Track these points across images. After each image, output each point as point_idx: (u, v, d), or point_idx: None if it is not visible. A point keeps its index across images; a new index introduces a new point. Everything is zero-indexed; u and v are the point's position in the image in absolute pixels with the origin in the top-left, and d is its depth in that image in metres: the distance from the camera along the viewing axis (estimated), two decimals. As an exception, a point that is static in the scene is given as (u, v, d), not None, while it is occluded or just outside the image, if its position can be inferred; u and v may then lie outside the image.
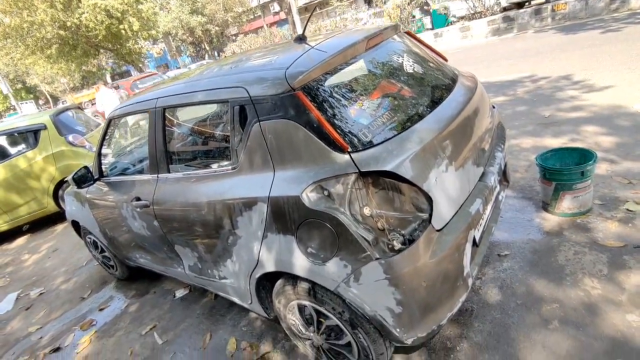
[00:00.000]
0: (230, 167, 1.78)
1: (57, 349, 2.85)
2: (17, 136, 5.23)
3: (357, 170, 1.41)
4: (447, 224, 1.53)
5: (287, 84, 1.52)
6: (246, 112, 1.66)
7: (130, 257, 3.02)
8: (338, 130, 1.47)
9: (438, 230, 1.49)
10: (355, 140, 1.47)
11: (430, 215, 1.47)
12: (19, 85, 35.34)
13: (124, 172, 2.75)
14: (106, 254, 3.30)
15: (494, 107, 2.27)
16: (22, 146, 5.22)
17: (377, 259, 1.38)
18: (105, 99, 8.72)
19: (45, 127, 5.16)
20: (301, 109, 1.49)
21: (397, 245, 1.38)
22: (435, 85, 1.89)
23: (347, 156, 1.43)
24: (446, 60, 2.26)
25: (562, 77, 5.39)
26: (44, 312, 3.43)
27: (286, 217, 1.54)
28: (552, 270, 2.11)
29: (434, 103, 1.75)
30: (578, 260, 2.12)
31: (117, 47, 16.90)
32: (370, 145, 1.46)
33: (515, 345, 1.76)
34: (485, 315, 1.95)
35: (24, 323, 3.36)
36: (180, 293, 3.01)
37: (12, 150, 5.22)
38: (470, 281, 1.62)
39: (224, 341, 2.37)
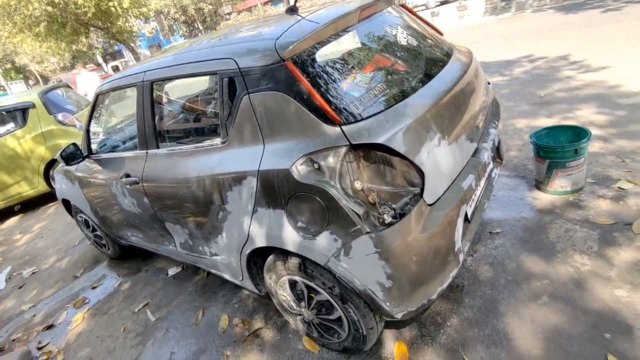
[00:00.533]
0: (219, 141, 1.75)
1: (50, 326, 2.86)
2: (4, 115, 5.12)
3: (348, 143, 1.38)
4: (439, 198, 1.51)
5: (277, 54, 1.47)
6: (235, 84, 1.61)
7: (121, 236, 3.00)
8: (329, 102, 1.43)
9: (430, 205, 1.47)
10: (347, 112, 1.43)
11: (422, 189, 1.45)
12: (8, 65, 34.57)
13: (113, 148, 2.70)
14: (98, 232, 3.28)
15: (489, 83, 2.23)
16: (10, 125, 5.12)
17: (367, 232, 1.36)
18: (87, 82, 8.72)
19: (33, 106, 5.05)
20: (291, 80, 1.45)
21: (388, 219, 1.36)
22: (429, 59, 1.84)
23: (338, 128, 1.40)
24: (441, 34, 2.21)
25: (560, 57, 5.33)
26: (37, 291, 3.42)
27: (276, 191, 1.52)
28: (543, 247, 2.11)
29: (428, 77, 1.71)
30: (569, 238, 2.13)
31: (107, 26, 16.44)
32: (361, 117, 1.43)
33: (505, 319, 1.78)
34: (476, 291, 1.97)
35: (17, 301, 3.36)
36: (172, 271, 3.01)
37: (0, 129, 5.12)
38: (461, 256, 1.61)
39: (216, 318, 2.38)
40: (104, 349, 2.45)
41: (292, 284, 1.78)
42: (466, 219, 1.67)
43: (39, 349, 2.66)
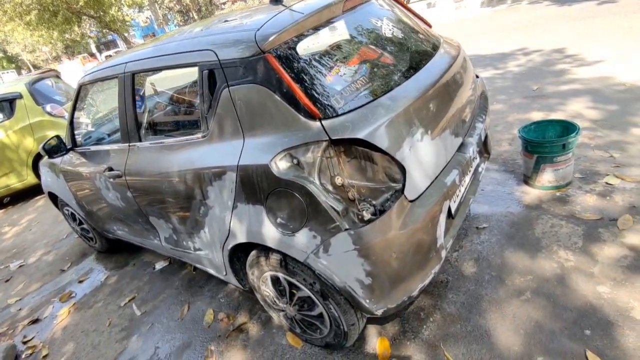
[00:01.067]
0: (200, 135, 1.71)
1: (36, 320, 2.84)
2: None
3: (327, 138, 1.35)
4: (421, 194, 1.49)
5: (257, 46, 1.44)
6: (215, 76, 1.58)
7: (108, 229, 2.97)
8: (309, 96, 1.40)
9: (411, 201, 1.45)
10: (327, 106, 1.40)
11: (404, 185, 1.43)
12: (0, 55, 34.03)
13: (96, 141, 2.65)
14: (84, 226, 3.25)
15: (477, 76, 2.20)
16: (-3, 116, 5.04)
17: (346, 229, 1.34)
18: (70, 74, 8.54)
19: (20, 96, 4.96)
20: (271, 73, 1.42)
21: (367, 216, 1.34)
22: (415, 51, 1.81)
23: (318, 123, 1.38)
24: (430, 26, 2.17)
25: (554, 50, 5.29)
26: (24, 285, 3.39)
27: (255, 186, 1.49)
28: (528, 243, 2.11)
29: (413, 69, 1.67)
30: (554, 233, 2.12)
31: (100, 14, 16.16)
32: (342, 112, 1.40)
33: (487, 315, 1.77)
34: (460, 287, 1.96)
35: (3, 295, 3.33)
36: (159, 265, 2.99)
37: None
38: (443, 253, 1.60)
39: (201, 312, 2.37)
40: (89, 344, 2.44)
41: (274, 280, 1.76)
42: (450, 215, 1.66)
43: (24, 343, 2.64)
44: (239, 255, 1.90)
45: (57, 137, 2.59)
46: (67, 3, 14.80)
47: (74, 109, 2.57)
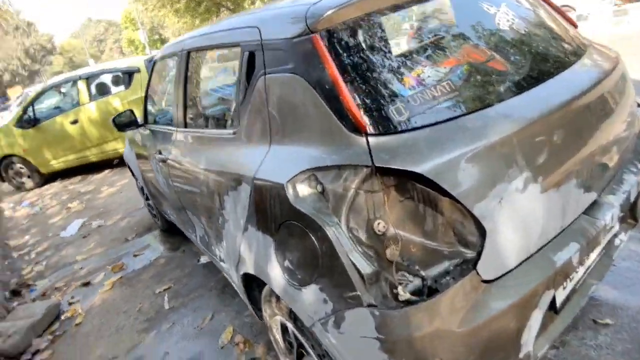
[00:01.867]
0: (231, 132, 1.40)
1: (87, 284, 2.92)
2: (114, 76, 5.60)
3: (370, 164, 0.91)
4: (505, 273, 0.95)
5: (305, 23, 1.05)
6: (255, 60, 1.23)
7: (164, 211, 2.92)
8: (359, 99, 0.97)
9: (486, 282, 0.92)
10: (381, 117, 0.95)
11: (479, 254, 0.91)
12: (156, 37, 39.84)
13: (158, 120, 2.56)
14: (150, 202, 3.27)
15: (639, 105, 1.49)
16: (117, 86, 5.58)
17: (369, 305, 0.88)
18: None
19: (138, 70, 5.40)
20: (314, 60, 1.02)
21: (404, 295, 0.86)
22: (542, 55, 1.22)
23: (362, 140, 0.94)
24: (575, 25, 1.53)
25: None
26: (94, 244, 3.60)
27: (267, 210, 1.12)
28: (681, 372, 1.35)
29: (533, 80, 1.11)
30: None
31: (235, 7, 17.67)
32: (403, 128, 0.94)
33: None
34: (549, 411, 1.32)
35: (76, 250, 3.56)
36: (204, 259, 2.83)
37: (110, 89, 5.62)
38: (529, 367, 1.02)
39: (222, 327, 2.10)
40: (115, 325, 2.36)
41: (284, 328, 1.37)
42: (553, 309, 1.06)
43: (70, 304, 2.71)
44: (258, 280, 1.55)
45: (130, 111, 2.57)
46: (209, -5, 16.49)
47: (148, 85, 2.52)
